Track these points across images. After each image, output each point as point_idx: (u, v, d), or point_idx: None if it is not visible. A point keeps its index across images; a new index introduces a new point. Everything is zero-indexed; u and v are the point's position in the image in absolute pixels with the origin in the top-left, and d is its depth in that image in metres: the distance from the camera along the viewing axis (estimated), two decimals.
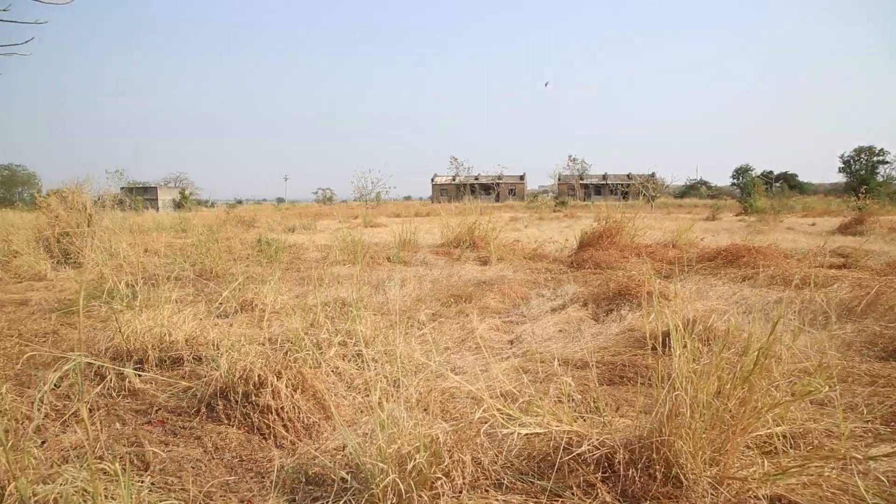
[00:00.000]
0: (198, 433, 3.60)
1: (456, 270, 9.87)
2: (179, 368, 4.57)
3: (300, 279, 8.95)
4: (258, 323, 5.67)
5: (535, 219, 30.90)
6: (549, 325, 6.13)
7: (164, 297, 5.14)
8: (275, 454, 3.43)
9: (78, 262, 10.49)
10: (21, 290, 8.60)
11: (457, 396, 4.09)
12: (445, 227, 14.39)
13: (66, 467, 2.92)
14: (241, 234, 15.77)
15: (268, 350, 4.09)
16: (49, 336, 5.75)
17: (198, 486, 3.03)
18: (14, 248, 10.56)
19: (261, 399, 3.63)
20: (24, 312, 6.90)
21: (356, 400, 4.07)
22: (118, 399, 4.12)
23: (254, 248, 12.24)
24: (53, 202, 11.88)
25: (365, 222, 25.86)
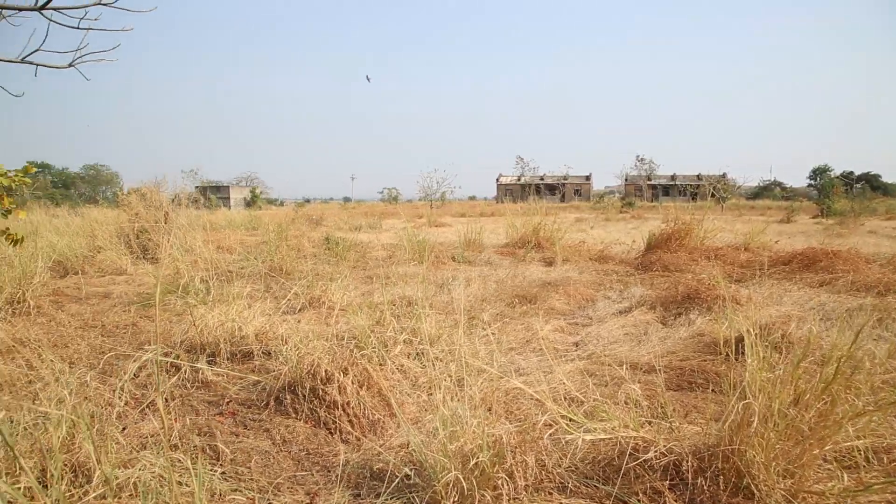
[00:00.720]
0: (267, 426, 3.70)
1: (521, 271, 9.82)
2: (249, 362, 4.71)
3: (366, 277, 9.08)
4: (325, 320, 5.79)
5: (602, 220, 30.44)
6: (614, 328, 6.03)
7: (235, 293, 5.31)
8: (340, 449, 3.49)
9: (155, 258, 10.94)
10: (104, 283, 9.04)
11: (520, 397, 4.07)
12: (510, 227, 14.34)
13: (144, 453, 3.05)
14: (308, 232, 16.11)
15: (335, 346, 4.16)
16: (129, 328, 6.01)
17: (266, 478, 3.11)
18: (98, 244, 11.09)
19: (327, 394, 3.70)
20: (107, 305, 7.25)
21: (420, 398, 4.10)
22: (192, 390, 4.27)
23: (321, 246, 12.48)
24: (134, 200, 12.42)
25: (430, 222, 26.04)
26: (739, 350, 3.30)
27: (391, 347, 4.43)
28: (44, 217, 14.10)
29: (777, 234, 16.38)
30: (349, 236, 15.02)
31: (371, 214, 33.77)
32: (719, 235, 12.72)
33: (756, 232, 12.72)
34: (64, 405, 2.98)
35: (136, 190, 13.02)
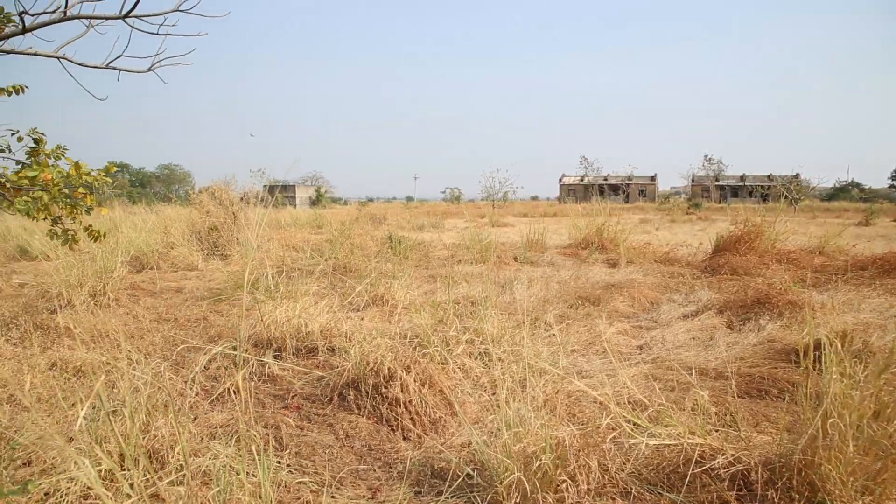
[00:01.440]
0: (330, 420, 3.78)
1: (584, 272, 9.70)
2: (314, 358, 4.81)
3: (428, 276, 9.13)
4: (388, 318, 5.86)
5: (667, 221, 29.73)
6: (680, 332, 5.88)
7: (301, 290, 5.43)
8: (402, 446, 3.52)
9: (225, 255, 11.29)
10: (177, 278, 9.39)
11: (583, 400, 4.02)
12: (573, 228, 14.18)
13: (214, 443, 3.15)
14: (372, 231, 16.33)
15: (397, 345, 4.21)
16: (200, 322, 6.23)
17: (330, 471, 3.17)
18: (171, 240, 11.53)
19: (390, 392, 3.75)
20: (179, 299, 7.53)
21: (482, 398, 4.10)
22: (259, 383, 4.40)
23: (384, 244, 12.63)
24: (205, 199, 12.83)
25: (492, 222, 25.98)
26: (815, 358, 3.15)
27: (453, 347, 4.45)
28: (122, 214, 14.74)
29: (854, 238, 15.65)
30: (412, 235, 15.15)
31: (433, 214, 33.95)
32: (791, 238, 12.25)
33: (831, 235, 12.19)
34: (140, 394, 3.12)
35: (207, 189, 13.44)
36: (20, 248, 12.49)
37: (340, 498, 2.92)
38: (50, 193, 4.69)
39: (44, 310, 6.58)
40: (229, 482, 2.54)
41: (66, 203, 4.77)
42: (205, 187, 13.76)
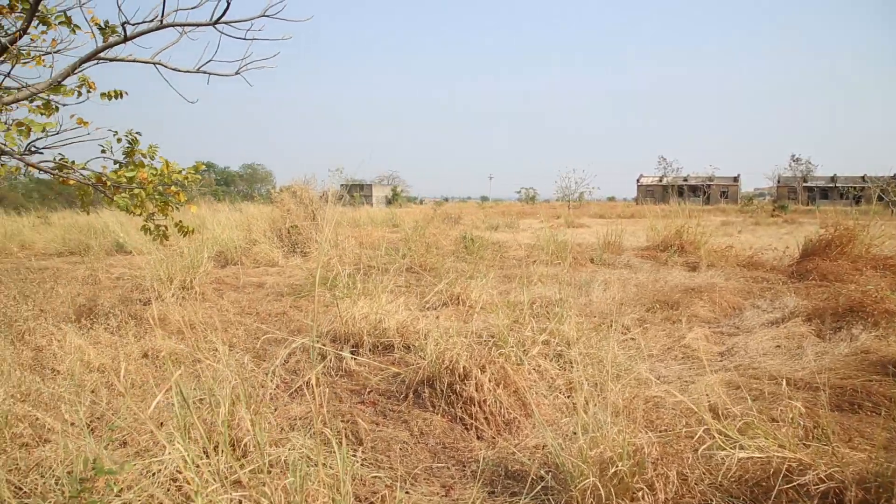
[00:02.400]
0: (405, 417, 3.83)
1: (662, 275, 9.45)
2: (390, 355, 4.89)
3: (503, 277, 9.11)
4: (464, 317, 5.89)
5: (750, 223, 28.54)
6: (764, 340, 5.64)
7: (379, 288, 5.52)
8: (475, 445, 3.53)
9: (304, 252, 11.60)
10: (258, 273, 9.73)
11: (661, 406, 3.93)
12: (651, 230, 13.83)
13: (293, 434, 3.25)
14: (446, 230, 16.41)
15: (473, 344, 4.22)
16: (280, 316, 6.43)
17: (404, 467, 3.22)
18: (253, 237, 11.94)
19: (465, 390, 3.76)
20: (261, 294, 7.80)
21: (556, 400, 4.06)
22: (336, 378, 4.50)
23: (459, 244, 12.67)
24: (286, 197, 13.21)
25: (567, 222, 25.66)
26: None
27: (529, 348, 4.42)
28: (208, 212, 15.38)
29: None
30: (486, 235, 15.15)
31: (508, 214, 33.79)
32: (888, 243, 11.54)
33: None
34: (225, 384, 3.25)
35: (287, 187, 13.83)
36: (117, 243, 13.23)
37: (415, 494, 2.96)
38: (145, 191, 4.95)
39: (137, 301, 6.95)
40: (307, 473, 2.61)
41: (159, 200, 5.02)
42: (285, 186, 14.18)
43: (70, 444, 2.69)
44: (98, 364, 4.31)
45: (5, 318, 5.08)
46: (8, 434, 2.86)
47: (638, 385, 4.03)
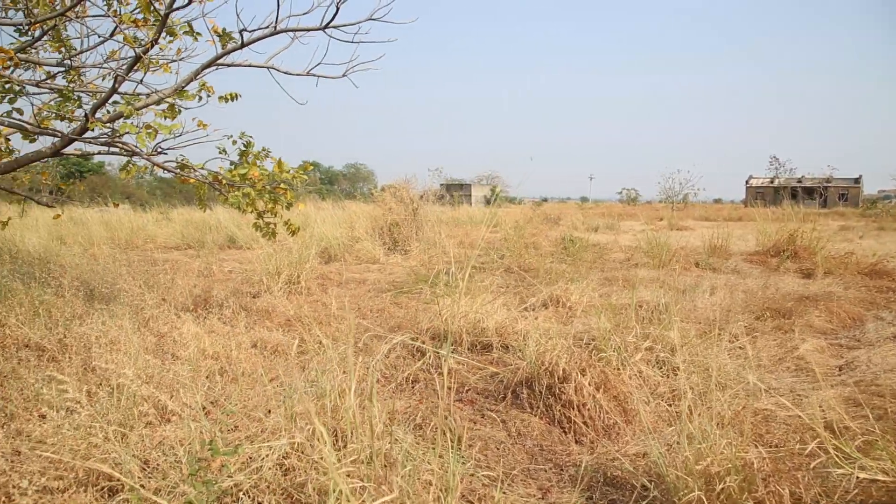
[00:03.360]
0: (503, 417, 3.83)
1: (773, 281, 8.97)
2: (488, 354, 4.91)
3: (604, 279, 8.94)
4: (563, 318, 5.82)
5: (873, 228, 26.54)
6: (890, 354, 5.24)
7: (479, 287, 5.55)
8: (573, 449, 3.49)
9: (405, 250, 11.83)
10: (360, 270, 10.01)
11: (772, 420, 3.73)
12: (761, 234, 13.15)
13: (395, 428, 3.32)
14: (546, 230, 16.29)
15: (573, 346, 4.17)
16: (381, 312, 6.58)
17: (501, 467, 3.22)
18: (356, 235, 12.29)
19: (564, 393, 3.72)
20: (363, 290, 8.02)
21: (659, 407, 3.95)
22: (434, 375, 4.56)
23: (558, 245, 12.54)
24: (387, 196, 13.53)
25: (670, 225, 24.83)
26: None
27: (631, 352, 4.32)
28: (313, 210, 15.97)
29: None
30: (586, 236, 14.90)
31: (608, 215, 33.08)
32: None
33: None
34: (330, 376, 3.36)
35: (389, 186, 14.15)
36: (229, 238, 13.99)
37: (512, 495, 2.95)
38: (256, 189, 5.20)
39: (247, 294, 7.32)
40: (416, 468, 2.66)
41: (269, 198, 5.27)
42: (387, 185, 14.52)
43: (190, 425, 2.87)
44: (212, 352, 4.56)
45: (133, 306, 5.48)
46: (136, 413, 3.09)
47: (746, 396, 3.85)
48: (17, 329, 4.77)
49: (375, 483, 2.52)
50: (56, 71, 5.80)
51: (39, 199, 6.58)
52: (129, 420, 3.04)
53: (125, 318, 4.90)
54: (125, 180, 35.56)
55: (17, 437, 2.95)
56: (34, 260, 8.09)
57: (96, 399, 3.15)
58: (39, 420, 3.07)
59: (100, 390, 3.37)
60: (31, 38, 5.29)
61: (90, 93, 5.22)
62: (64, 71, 5.70)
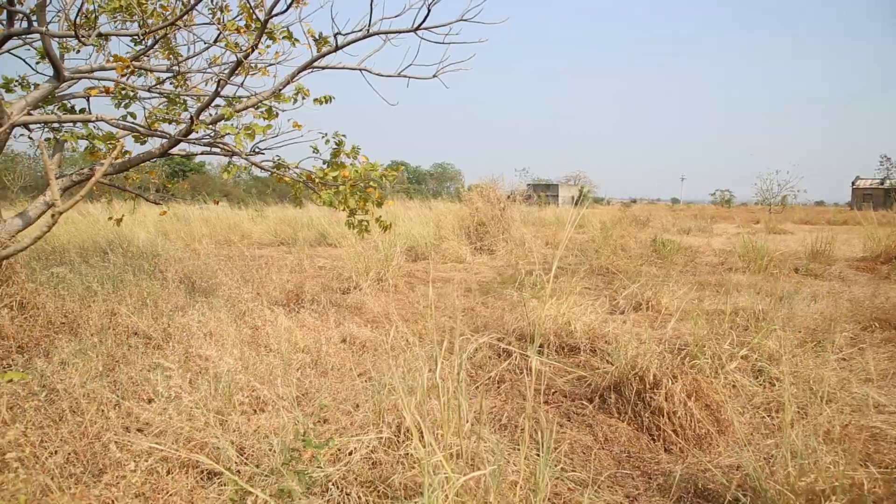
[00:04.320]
0: (589, 421, 3.76)
1: (883, 290, 8.39)
2: (575, 357, 4.84)
3: (696, 284, 8.64)
4: (653, 323, 5.67)
5: None
6: None
7: (567, 289, 5.48)
8: (662, 458, 3.39)
9: (491, 250, 11.83)
10: (446, 269, 10.08)
11: (880, 438, 3.50)
12: (869, 239, 12.33)
13: (480, 427, 3.33)
14: (635, 232, 15.91)
15: (664, 352, 4.05)
16: (467, 311, 6.61)
17: (587, 472, 3.16)
18: (443, 234, 12.40)
19: (654, 400, 3.62)
20: (449, 289, 8.08)
21: (754, 419, 3.78)
22: (520, 376, 4.54)
23: (648, 247, 12.22)
24: (474, 195, 13.56)
25: (768, 228, 23.67)
26: None
27: (726, 360, 4.15)
28: (400, 208, 16.22)
29: None
30: (677, 239, 14.44)
31: (701, 217, 31.88)
32: None
33: None
34: (417, 373, 3.41)
35: (476, 186, 14.17)
36: (320, 235, 14.42)
37: (598, 501, 2.90)
38: (347, 187, 5.34)
39: (337, 290, 7.52)
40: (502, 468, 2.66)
41: (360, 197, 5.39)
42: (474, 185, 14.54)
43: (283, 415, 2.98)
44: (303, 345, 4.71)
45: (230, 299, 5.74)
46: (233, 401, 3.23)
47: (852, 411, 3.62)
48: (127, 318, 5.10)
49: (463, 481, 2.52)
50: (165, 77, 6.16)
51: (148, 197, 7.00)
52: (227, 408, 3.19)
53: (223, 310, 5.14)
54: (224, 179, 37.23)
55: (126, 417, 3.15)
56: (143, 254, 8.62)
57: (197, 386, 3.31)
58: (146, 403, 3.27)
59: (200, 378, 3.55)
60: (145, 47, 5.63)
61: (194, 96, 5.50)
62: (172, 76, 6.05)
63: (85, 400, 3.22)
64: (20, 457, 2.25)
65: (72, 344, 4.21)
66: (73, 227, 10.96)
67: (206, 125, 5.14)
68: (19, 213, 5.16)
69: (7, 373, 3.04)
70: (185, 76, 6.03)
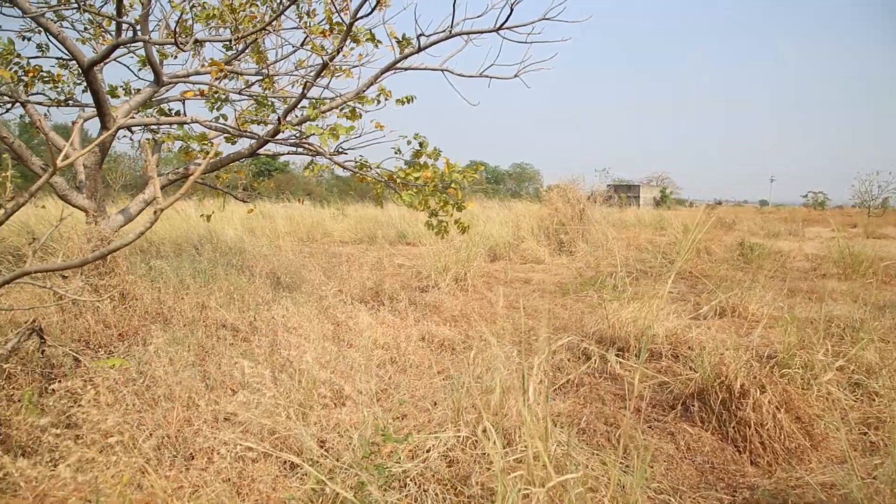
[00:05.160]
0: (671, 429, 3.65)
1: None
2: (657, 362, 4.71)
3: (786, 290, 8.25)
4: (738, 330, 5.45)
5: None
6: None
7: (649, 293, 5.34)
8: (749, 471, 3.25)
9: (570, 251, 11.68)
10: (525, 270, 10.02)
11: None
12: None
13: (556, 430, 3.29)
14: (720, 235, 15.34)
15: (752, 360, 3.88)
16: (546, 313, 6.55)
17: (669, 481, 3.08)
18: (521, 234, 12.33)
19: (740, 410, 3.48)
20: (527, 290, 8.03)
21: (850, 435, 3.57)
22: (600, 380, 4.46)
23: (734, 251, 11.77)
24: (553, 196, 13.41)
25: (866, 232, 22.32)
26: None
27: (819, 372, 3.94)
28: (479, 209, 16.24)
29: None
30: (766, 242, 13.82)
31: (791, 220, 30.38)
32: None
33: None
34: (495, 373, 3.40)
35: (555, 186, 14.00)
36: (399, 234, 14.62)
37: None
38: (428, 188, 5.39)
39: (416, 288, 7.61)
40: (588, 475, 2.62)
41: (439, 197, 5.44)
42: (553, 185, 14.39)
43: (364, 410, 3.04)
44: (383, 342, 4.79)
45: (313, 295, 5.90)
46: (315, 395, 3.32)
47: None
48: (216, 311, 5.32)
49: (541, 486, 2.50)
50: (254, 80, 6.41)
51: (236, 195, 7.29)
52: (309, 401, 3.28)
53: (306, 305, 5.29)
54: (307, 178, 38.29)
55: (214, 405, 3.29)
56: (231, 249, 8.98)
57: (281, 379, 3.42)
58: (233, 393, 3.40)
59: (283, 371, 3.67)
60: (236, 52, 5.87)
61: (281, 98, 5.68)
62: (260, 79, 6.28)
63: (178, 388, 3.39)
64: (121, 440, 2.39)
65: (166, 334, 4.44)
66: (168, 223, 11.53)
67: (292, 126, 5.31)
68: (121, 210, 5.48)
69: (110, 359, 3.24)
70: (272, 79, 6.25)
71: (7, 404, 3.18)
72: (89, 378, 3.24)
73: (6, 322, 4.42)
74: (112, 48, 4.80)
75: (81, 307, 4.74)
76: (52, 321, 4.55)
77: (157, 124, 5.76)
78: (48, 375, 3.65)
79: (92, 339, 4.55)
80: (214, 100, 5.68)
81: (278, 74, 6.36)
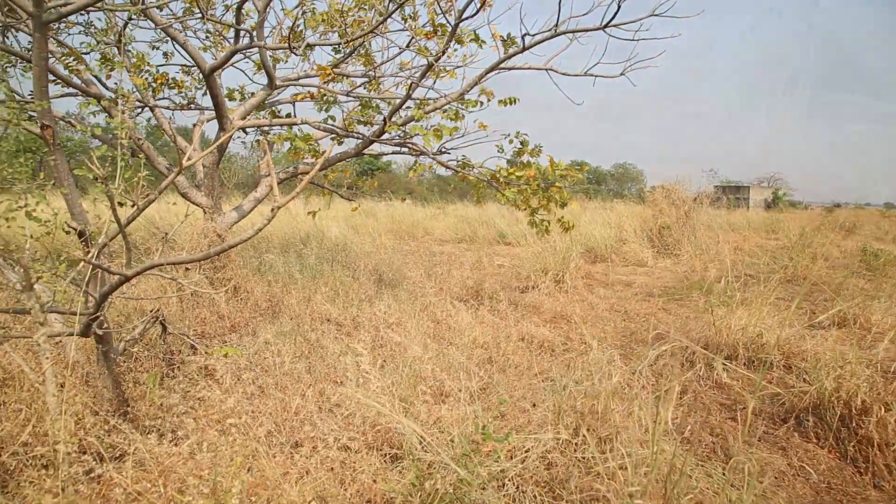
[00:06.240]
0: (782, 444, 3.47)
1: None
2: (768, 373, 4.48)
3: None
4: (860, 342, 5.09)
5: None
6: None
7: (761, 299, 5.09)
8: (870, 494, 3.04)
9: (675, 254, 11.29)
10: (627, 272, 9.78)
11: None
12: None
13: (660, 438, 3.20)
14: (838, 240, 14.34)
15: (875, 375, 3.62)
16: (649, 317, 6.37)
17: (780, 499, 2.92)
18: (624, 236, 12.03)
19: (862, 428, 3.26)
20: (629, 293, 7.83)
21: None
22: (704, 388, 4.29)
23: (855, 257, 10.99)
24: (658, 197, 12.98)
25: None
26: None
27: None
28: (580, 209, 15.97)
29: None
30: (892, 249, 12.82)
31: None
32: None
33: None
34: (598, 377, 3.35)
35: (659, 187, 13.55)
36: (499, 234, 14.63)
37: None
38: (530, 187, 5.37)
39: (516, 288, 7.60)
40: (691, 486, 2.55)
41: (542, 196, 5.41)
42: (657, 186, 13.93)
43: (465, 408, 3.07)
44: (483, 341, 4.81)
45: (414, 293, 6.02)
46: (417, 390, 3.39)
47: None
48: (321, 305, 5.52)
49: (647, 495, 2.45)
50: (360, 82, 6.60)
51: (342, 194, 7.54)
52: (411, 395, 3.34)
53: (407, 302, 5.40)
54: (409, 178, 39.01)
55: (320, 397, 3.42)
56: (335, 246, 9.29)
57: (384, 373, 3.52)
58: (337, 385, 3.53)
59: (386, 366, 3.77)
60: (344, 55, 6.07)
61: (386, 99, 5.83)
62: (366, 81, 6.47)
63: (285, 378, 3.55)
64: (237, 423, 2.53)
65: (274, 326, 4.66)
66: (276, 220, 12.06)
67: (397, 126, 5.43)
68: (235, 208, 5.79)
69: (223, 348, 3.44)
70: (378, 80, 6.42)
71: (134, 386, 3.45)
72: (206, 364, 3.46)
73: (133, 310, 4.78)
74: (231, 54, 5.08)
75: (199, 299, 5.06)
76: (172, 311, 4.88)
77: (270, 125, 6.04)
78: (169, 361, 3.93)
79: (207, 328, 4.85)
80: (324, 102, 5.89)
81: (384, 76, 6.52)
